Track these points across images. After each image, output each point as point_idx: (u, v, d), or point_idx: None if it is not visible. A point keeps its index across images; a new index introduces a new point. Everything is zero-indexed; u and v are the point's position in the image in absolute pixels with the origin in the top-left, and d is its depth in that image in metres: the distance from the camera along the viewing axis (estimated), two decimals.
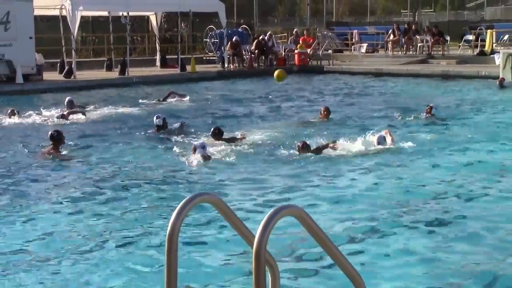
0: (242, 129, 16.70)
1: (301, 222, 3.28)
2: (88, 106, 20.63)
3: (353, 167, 12.52)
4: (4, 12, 26.74)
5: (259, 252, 3.03)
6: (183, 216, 3.24)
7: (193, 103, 22.57)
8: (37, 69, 27.80)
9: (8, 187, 11.44)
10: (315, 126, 17.12)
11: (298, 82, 30.33)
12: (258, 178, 11.91)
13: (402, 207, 9.79)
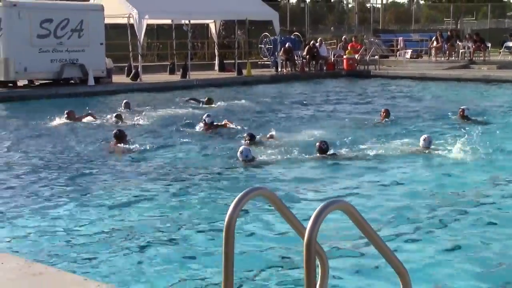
0: (296, 130, 16.72)
1: (349, 216, 3.27)
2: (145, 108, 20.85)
3: (397, 166, 12.42)
4: (78, 20, 27.13)
5: (309, 243, 3.03)
6: (239, 209, 3.26)
7: (248, 103, 22.62)
8: (107, 72, 28.18)
9: (77, 180, 11.62)
10: (377, 127, 17.04)
11: (346, 86, 30.24)
12: (309, 176, 11.91)
13: (440, 205, 9.73)
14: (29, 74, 26.41)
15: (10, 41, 25.48)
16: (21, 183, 11.49)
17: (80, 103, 21.55)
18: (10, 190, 10.98)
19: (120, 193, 10.67)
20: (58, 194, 10.65)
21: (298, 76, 33.37)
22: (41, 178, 11.91)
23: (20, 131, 17.12)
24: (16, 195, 10.66)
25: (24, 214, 9.48)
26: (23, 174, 12.27)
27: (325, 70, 34.80)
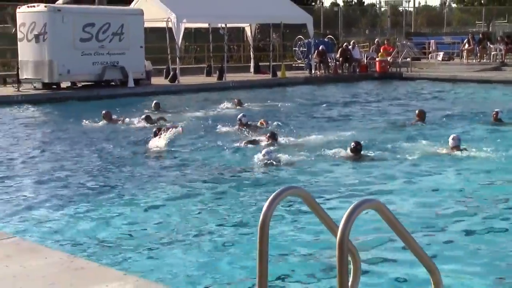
0: (329, 130, 16.70)
1: (381, 215, 3.26)
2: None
3: (429, 167, 12.30)
4: (119, 24, 27.35)
5: (342, 241, 3.03)
6: (274, 207, 3.26)
7: (282, 104, 22.63)
8: (146, 74, 28.37)
9: (116, 179, 11.72)
10: (410, 128, 16.93)
11: (379, 88, 30.12)
12: (341, 175, 11.88)
13: (470, 206, 9.66)
14: (72, 76, 26.68)
15: (54, 44, 25.76)
16: (64, 181, 11.61)
17: (121, 104, 21.73)
18: (55, 188, 11.10)
19: (157, 192, 10.73)
20: (100, 192, 10.75)
21: (331, 78, 33.30)
22: (83, 176, 12.04)
23: (64, 131, 17.29)
24: (60, 193, 10.78)
25: (67, 211, 9.59)
26: (66, 171, 12.40)
27: (358, 72, 34.69)
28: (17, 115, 21.55)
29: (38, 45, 26.06)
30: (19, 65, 26.79)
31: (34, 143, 15.96)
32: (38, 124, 19.23)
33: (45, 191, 10.90)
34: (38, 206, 9.92)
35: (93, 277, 4.50)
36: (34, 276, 4.55)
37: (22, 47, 26.84)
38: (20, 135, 17.23)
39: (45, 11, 26.17)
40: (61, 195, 10.57)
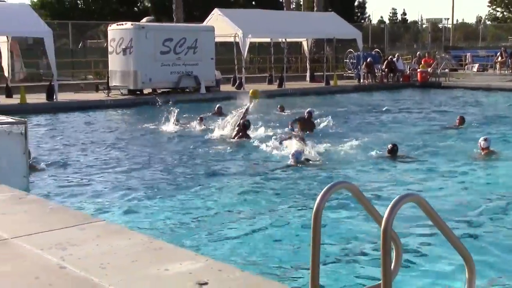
0: (373, 133, 16.54)
1: (421, 207, 3.22)
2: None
3: (466, 168, 12.05)
4: (193, 39, 27.64)
5: (386, 230, 2.99)
6: (326, 199, 3.24)
7: (333, 109, 22.51)
8: (216, 82, 28.59)
9: (190, 172, 11.83)
10: (449, 132, 16.63)
11: (420, 95, 29.74)
12: (380, 173, 11.76)
13: (501, 203, 9.47)
14: (153, 83, 27.04)
15: (139, 57, 26.16)
16: (145, 174, 11.77)
17: (194, 108, 21.93)
18: (137, 179, 11.27)
19: (222, 184, 10.80)
20: (178, 184, 10.88)
21: (377, 86, 33.02)
22: (160, 169, 12.18)
23: (146, 130, 17.53)
24: (142, 184, 10.93)
25: (148, 200, 9.72)
26: (148, 165, 12.57)
27: (401, 82, 34.32)
28: (108, 116, 21.96)
29: (125, 57, 26.50)
30: (109, 74, 27.33)
31: (121, 140, 16.22)
32: (125, 124, 19.54)
33: (129, 182, 11.08)
34: (123, 195, 10.09)
35: (169, 256, 4.55)
36: (119, 254, 4.61)
37: (111, 59, 27.34)
38: (110, 133, 17.55)
39: (131, 29, 26.61)
40: (142, 186, 10.73)
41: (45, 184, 10.65)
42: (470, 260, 3.36)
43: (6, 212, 5.90)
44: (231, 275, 4.18)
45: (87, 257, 4.53)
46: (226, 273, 4.21)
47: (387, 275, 3.00)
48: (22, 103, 22.92)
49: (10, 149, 8.07)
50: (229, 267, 4.41)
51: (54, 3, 49.87)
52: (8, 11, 24.89)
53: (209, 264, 4.39)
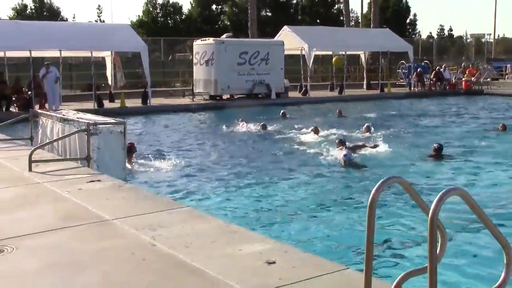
0: (421, 134, 16.16)
1: (465, 201, 3.13)
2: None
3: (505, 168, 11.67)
4: (266, 52, 27.70)
5: (433, 219, 2.93)
6: (380, 191, 3.20)
7: (387, 113, 22.16)
8: (285, 89, 28.52)
9: (248, 168, 11.84)
10: (496, 137, 16.07)
11: (464, 102, 28.92)
12: (427, 171, 11.49)
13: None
14: (231, 90, 27.24)
15: (219, 67, 26.41)
16: (224, 168, 11.86)
17: (265, 111, 21.97)
18: (217, 173, 11.37)
19: (286, 178, 10.77)
20: (251, 177, 10.94)
21: (426, 93, 32.27)
22: (236, 165, 12.23)
23: (224, 130, 17.66)
24: (222, 176, 11.02)
25: (225, 190, 9.80)
26: (226, 160, 12.65)
27: (447, 89, 33.49)
28: (193, 118, 22.26)
29: (207, 68, 26.79)
30: (194, 82, 27.69)
31: (203, 138, 16.41)
32: (206, 125, 19.76)
33: (211, 174, 11.20)
34: (203, 185, 10.21)
35: (242, 238, 4.57)
36: (201, 235, 4.67)
37: (196, 69, 27.71)
38: (194, 132, 17.77)
39: (213, 43, 26.89)
40: (221, 178, 10.82)
41: (140, 174, 10.87)
42: (508, 247, 3.24)
43: (109, 197, 6.06)
44: (295, 255, 4.17)
45: (174, 237, 4.60)
46: (291, 253, 4.20)
47: (433, 259, 2.94)
48: (122, 107, 23.47)
49: (112, 145, 8.27)
50: (293, 249, 4.41)
51: (150, 23, 50.92)
52: (111, 30, 25.56)
53: (276, 246, 4.39)
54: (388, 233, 7.20)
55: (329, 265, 4.01)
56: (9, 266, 4.09)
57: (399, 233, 7.27)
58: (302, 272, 3.81)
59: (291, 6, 54.26)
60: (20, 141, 10.64)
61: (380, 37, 33.24)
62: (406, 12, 59.48)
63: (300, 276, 3.73)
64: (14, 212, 5.53)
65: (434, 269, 2.95)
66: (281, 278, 3.70)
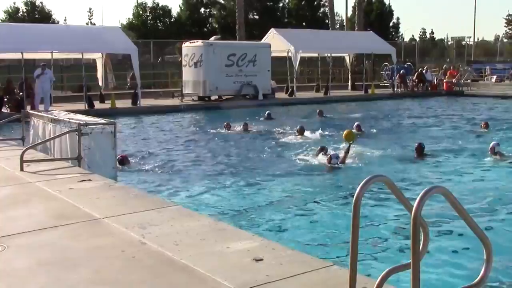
0: (405, 135, 16.19)
1: (446, 198, 3.14)
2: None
3: (489, 167, 11.71)
4: (253, 54, 27.69)
5: (416, 217, 2.94)
6: (365, 189, 3.20)
7: (372, 113, 22.21)
8: (271, 90, 28.53)
9: (242, 167, 11.82)
10: (480, 135, 16.08)
11: (446, 102, 29.11)
12: (409, 171, 11.52)
13: None
14: (219, 91, 27.22)
15: (207, 69, 26.37)
16: (212, 167, 11.84)
17: (252, 112, 21.96)
18: (205, 172, 11.35)
19: (273, 177, 10.77)
20: (238, 176, 10.92)
21: (409, 94, 32.42)
22: (224, 163, 12.22)
23: (213, 131, 17.63)
24: (209, 175, 11.00)
25: (213, 189, 9.79)
26: (214, 160, 12.63)
27: (429, 90, 33.67)
28: (183, 118, 22.20)
29: (196, 70, 26.74)
30: (183, 84, 27.62)
31: (191, 138, 16.36)
32: (195, 125, 19.72)
33: (199, 173, 11.18)
34: (193, 184, 10.19)
35: (231, 236, 4.56)
36: (190, 233, 4.65)
37: (185, 71, 27.64)
38: (183, 132, 17.73)
39: (201, 45, 26.86)
40: (209, 176, 10.80)
41: (129, 174, 10.83)
42: (487, 244, 3.26)
43: (99, 196, 6.02)
44: (282, 252, 4.17)
45: (163, 235, 4.59)
46: (279, 251, 4.20)
47: (416, 255, 2.95)
48: (112, 108, 23.38)
49: (102, 145, 8.22)
50: (281, 246, 4.40)
51: (140, 25, 50.69)
52: (102, 33, 25.44)
53: (264, 243, 4.39)
54: (373, 230, 7.23)
55: (316, 262, 4.01)
56: (1, 264, 4.05)
57: (383, 230, 7.29)
58: (289, 269, 3.81)
59: (277, 9, 54.29)
60: (12, 141, 10.56)
61: (364, 40, 33.34)
62: (390, 15, 59.66)
63: (287, 273, 3.73)
64: (5, 211, 5.48)
65: (417, 265, 2.96)
66: (269, 275, 3.69)
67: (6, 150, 9.42)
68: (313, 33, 33.62)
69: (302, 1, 54.39)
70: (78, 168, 7.78)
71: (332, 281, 3.63)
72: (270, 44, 28.74)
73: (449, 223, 7.28)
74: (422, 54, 53.10)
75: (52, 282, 3.75)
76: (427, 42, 70.20)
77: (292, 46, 29.09)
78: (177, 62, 35.91)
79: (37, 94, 21.49)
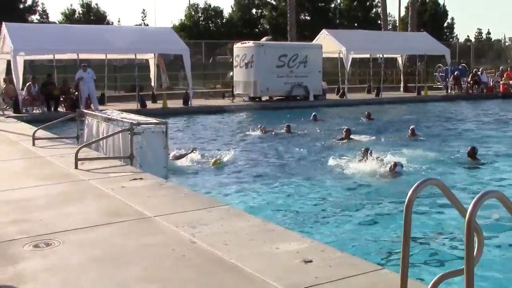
0: (459, 138, 15.83)
1: (502, 203, 3.05)
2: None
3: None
4: (304, 55, 27.65)
5: (470, 222, 2.86)
6: (417, 192, 3.14)
7: (422, 117, 21.80)
8: (322, 91, 28.39)
9: (282, 168, 11.77)
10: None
11: (502, 105, 28.29)
12: (462, 174, 11.24)
13: None
14: (270, 92, 27.27)
15: (258, 69, 26.46)
16: (262, 168, 11.84)
17: (303, 112, 21.86)
18: (256, 173, 11.36)
19: (319, 182, 10.67)
20: (288, 178, 10.89)
21: (463, 96, 31.67)
22: (275, 165, 12.20)
23: (262, 132, 17.59)
24: (260, 176, 11.01)
25: (264, 190, 9.79)
26: (264, 161, 12.61)
27: (485, 93, 32.79)
28: (233, 119, 22.32)
29: (247, 70, 26.86)
30: (234, 84, 27.80)
31: (241, 139, 16.40)
32: (247, 125, 19.73)
33: (250, 174, 11.20)
34: (244, 184, 10.22)
35: (280, 237, 4.55)
36: (239, 233, 4.67)
37: (236, 72, 27.82)
38: (233, 133, 17.78)
39: (253, 46, 26.97)
40: (259, 178, 10.82)
41: (180, 173, 10.95)
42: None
43: (150, 195, 6.12)
44: (332, 254, 4.14)
45: (213, 235, 4.62)
46: (328, 253, 4.17)
47: (470, 261, 2.87)
48: (164, 107, 23.72)
49: (154, 144, 8.36)
50: (330, 248, 4.37)
51: (192, 26, 51.29)
52: (155, 34, 25.89)
53: (313, 245, 4.36)
54: (425, 234, 7.09)
55: (365, 265, 3.96)
56: (56, 259, 4.17)
57: (436, 234, 7.15)
58: (338, 271, 3.77)
59: (329, 10, 53.92)
60: (67, 140, 10.85)
61: (417, 41, 32.80)
62: (444, 15, 58.37)
63: (336, 275, 3.70)
64: (60, 208, 5.63)
65: (471, 271, 2.88)
66: (318, 277, 3.67)
67: (61, 148, 9.68)
68: (364, 33, 33.31)
69: (354, 1, 53.87)
70: (130, 166, 7.93)
71: (382, 284, 3.58)
72: (322, 45, 28.60)
73: (505, 230, 7.07)
74: (478, 55, 51.81)
75: (103, 278, 3.83)
76: (483, 42, 68.46)
77: (343, 47, 28.87)
78: (228, 62, 36.19)
79: (83, 95, 22.03)
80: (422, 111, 24.64)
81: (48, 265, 4.05)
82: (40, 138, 10.36)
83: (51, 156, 8.76)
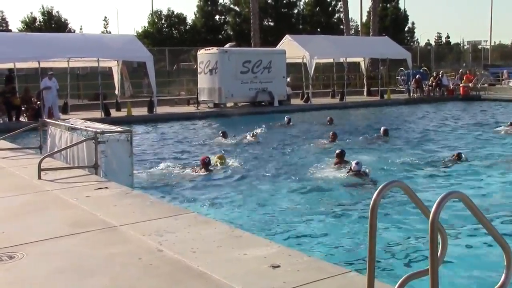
0: (425, 141, 16.05)
1: (465, 204, 3.11)
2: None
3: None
4: (268, 61, 27.71)
5: (433, 222, 2.92)
6: (382, 195, 3.18)
7: (387, 120, 22.08)
8: (287, 97, 28.52)
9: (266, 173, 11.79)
10: (492, 138, 15.96)
11: (463, 107, 28.88)
12: (434, 175, 11.42)
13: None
14: (234, 98, 27.26)
15: (222, 76, 26.42)
16: (229, 174, 11.81)
17: (268, 118, 21.93)
18: (222, 179, 11.33)
19: (296, 186, 10.71)
20: (253, 184, 10.89)
21: (425, 99, 32.25)
22: (240, 171, 12.18)
23: (225, 139, 17.57)
24: (226, 182, 10.98)
25: (230, 196, 9.77)
26: (230, 168, 12.58)
27: (445, 95, 33.46)
28: (199, 125, 22.25)
29: (211, 77, 26.81)
30: (198, 91, 27.71)
31: (207, 145, 16.34)
32: (212, 132, 19.70)
33: (215, 180, 11.16)
34: (209, 191, 10.18)
35: (247, 243, 4.56)
36: (207, 240, 4.65)
37: (200, 78, 27.73)
38: (198, 140, 17.71)
39: (216, 53, 26.93)
40: (226, 184, 10.79)
41: (146, 181, 10.86)
42: (508, 249, 3.22)
43: (116, 204, 6.05)
44: (299, 259, 4.15)
45: (180, 243, 4.59)
46: (295, 257, 4.19)
47: (434, 261, 2.92)
48: (129, 115, 23.51)
49: (119, 153, 8.27)
50: (298, 253, 4.39)
51: (155, 33, 50.98)
52: (118, 41, 25.64)
53: (281, 250, 4.38)
54: (390, 236, 7.18)
55: (332, 269, 3.99)
56: (20, 272, 4.08)
57: (400, 236, 7.24)
58: (306, 275, 3.79)
59: (292, 15, 54.26)
60: (29, 150, 10.65)
61: (379, 45, 33.25)
62: (405, 20, 59.38)
63: (304, 280, 3.71)
64: (23, 219, 5.53)
65: (435, 271, 2.93)
66: (286, 282, 3.68)
67: (24, 158, 9.51)
68: (327, 38, 33.59)
69: (317, 7, 54.35)
70: (95, 176, 7.83)
71: (350, 287, 3.61)
72: (285, 50, 28.76)
73: (468, 229, 7.21)
74: (438, 58, 52.83)
75: None
76: (443, 46, 69.81)
77: (307, 52, 29.08)
78: (192, 69, 36.10)
79: (47, 104, 21.69)
80: (386, 114, 24.96)
81: (11, 278, 3.97)
82: (1, 148, 10.15)
83: (13, 167, 8.59)
